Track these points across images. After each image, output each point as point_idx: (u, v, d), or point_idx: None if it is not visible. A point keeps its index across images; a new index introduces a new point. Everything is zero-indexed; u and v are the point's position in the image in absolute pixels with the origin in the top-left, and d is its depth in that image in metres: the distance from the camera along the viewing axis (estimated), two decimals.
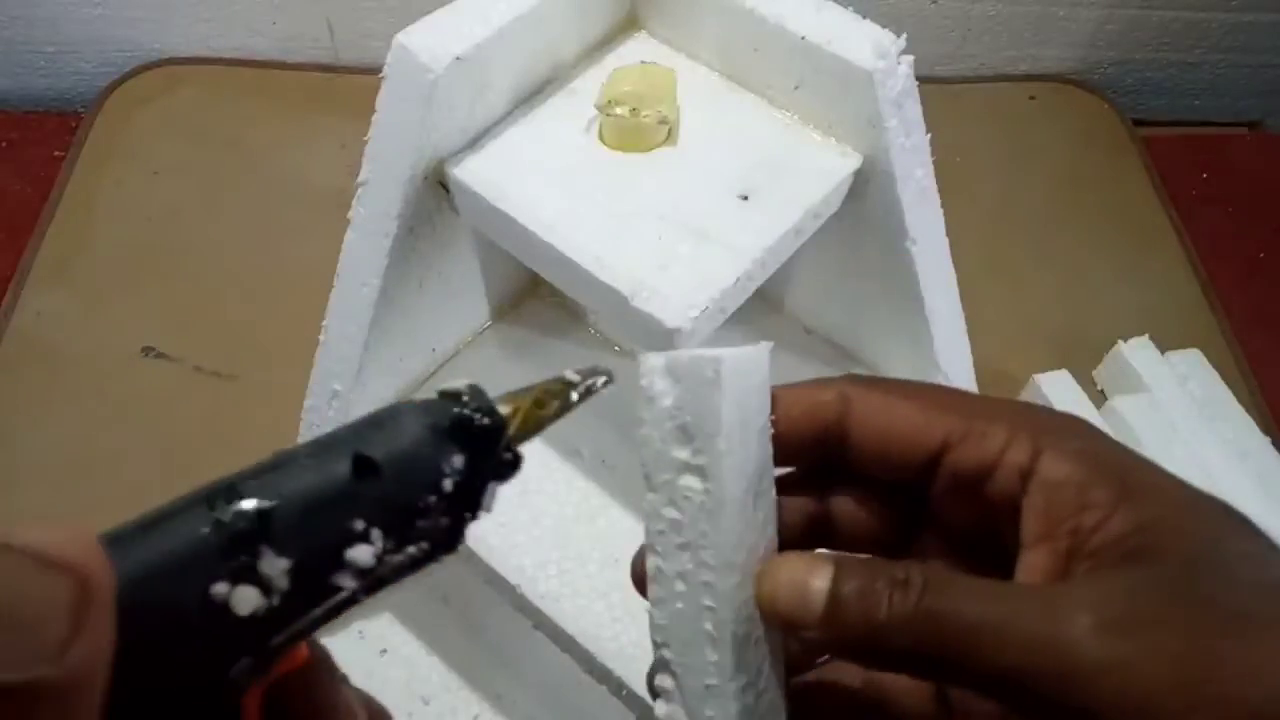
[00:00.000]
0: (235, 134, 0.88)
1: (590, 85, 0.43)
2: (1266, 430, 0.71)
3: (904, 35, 0.39)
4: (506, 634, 0.58)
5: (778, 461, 0.27)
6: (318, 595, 0.20)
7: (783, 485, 0.28)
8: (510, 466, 0.23)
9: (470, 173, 0.40)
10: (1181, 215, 0.89)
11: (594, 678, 0.44)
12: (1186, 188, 0.92)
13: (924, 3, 0.94)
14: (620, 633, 0.43)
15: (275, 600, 0.19)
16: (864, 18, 0.40)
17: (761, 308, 0.55)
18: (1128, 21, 0.97)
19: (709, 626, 0.25)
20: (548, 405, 0.24)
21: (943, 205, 0.45)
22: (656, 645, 0.27)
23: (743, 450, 0.25)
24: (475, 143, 0.41)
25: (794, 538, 0.28)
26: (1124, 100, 1.00)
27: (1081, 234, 0.86)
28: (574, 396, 0.24)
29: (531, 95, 0.43)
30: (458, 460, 0.22)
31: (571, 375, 0.25)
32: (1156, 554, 0.22)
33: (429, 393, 0.23)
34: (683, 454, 0.25)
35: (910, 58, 0.39)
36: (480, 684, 0.58)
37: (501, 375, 0.51)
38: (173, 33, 0.92)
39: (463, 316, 0.51)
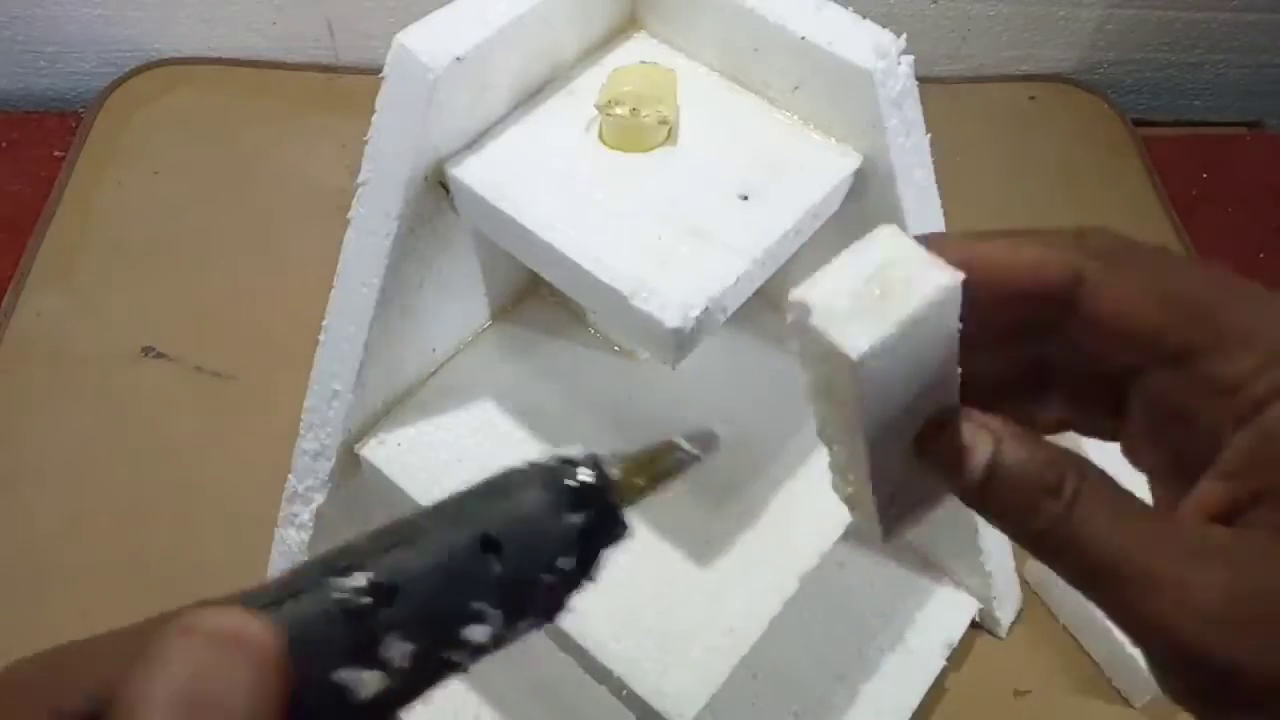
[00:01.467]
0: (235, 134, 0.88)
1: (590, 85, 0.43)
2: None
3: (904, 35, 0.39)
4: None
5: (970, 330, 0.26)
6: (433, 673, 0.20)
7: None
8: (621, 535, 0.22)
9: (470, 173, 0.40)
10: (1181, 215, 0.89)
11: (594, 678, 0.44)
12: (1186, 188, 0.92)
13: (924, 3, 0.94)
14: (620, 633, 0.43)
15: (394, 681, 0.19)
16: (864, 18, 0.40)
17: (761, 308, 0.55)
18: (1128, 21, 0.97)
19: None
20: (657, 470, 0.23)
21: (943, 205, 0.45)
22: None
23: (889, 413, 0.25)
24: (475, 143, 0.41)
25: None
26: (1124, 100, 1.00)
27: None
28: (682, 460, 0.24)
29: (531, 95, 0.43)
30: (575, 535, 0.21)
31: (680, 440, 0.24)
32: None
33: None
34: (822, 409, 0.26)
35: (910, 58, 0.39)
36: (480, 684, 0.58)
37: (501, 375, 0.51)
38: (173, 33, 0.92)
39: (463, 316, 0.51)
